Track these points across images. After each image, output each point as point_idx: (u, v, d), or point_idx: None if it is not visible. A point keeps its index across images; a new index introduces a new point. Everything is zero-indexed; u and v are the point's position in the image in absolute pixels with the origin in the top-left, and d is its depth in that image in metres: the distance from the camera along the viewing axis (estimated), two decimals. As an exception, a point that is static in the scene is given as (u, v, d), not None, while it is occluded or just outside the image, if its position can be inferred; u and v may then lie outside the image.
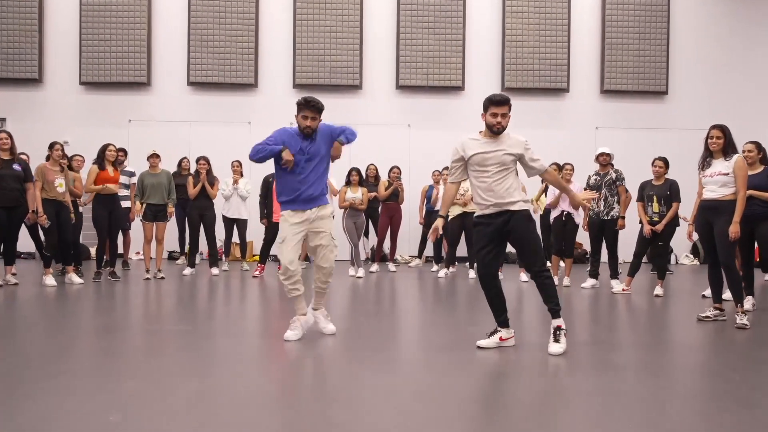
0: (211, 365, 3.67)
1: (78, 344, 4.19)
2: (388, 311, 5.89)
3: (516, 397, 3.14)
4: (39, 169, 7.35)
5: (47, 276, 7.33)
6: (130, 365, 3.63)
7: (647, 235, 7.16)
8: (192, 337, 4.49)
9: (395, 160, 10.51)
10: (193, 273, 8.81)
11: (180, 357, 3.87)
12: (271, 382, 3.42)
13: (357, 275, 8.81)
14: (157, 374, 3.43)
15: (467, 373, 3.58)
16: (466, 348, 4.18)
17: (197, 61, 11.33)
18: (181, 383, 3.25)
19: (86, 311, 5.61)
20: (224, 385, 3.23)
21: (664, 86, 11.71)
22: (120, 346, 4.14)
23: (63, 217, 7.48)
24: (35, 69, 11.20)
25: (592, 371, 3.64)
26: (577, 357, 3.98)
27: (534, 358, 3.94)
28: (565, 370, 3.62)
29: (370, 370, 3.58)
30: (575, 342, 4.45)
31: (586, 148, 11.32)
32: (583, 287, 7.78)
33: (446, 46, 11.49)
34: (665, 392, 3.21)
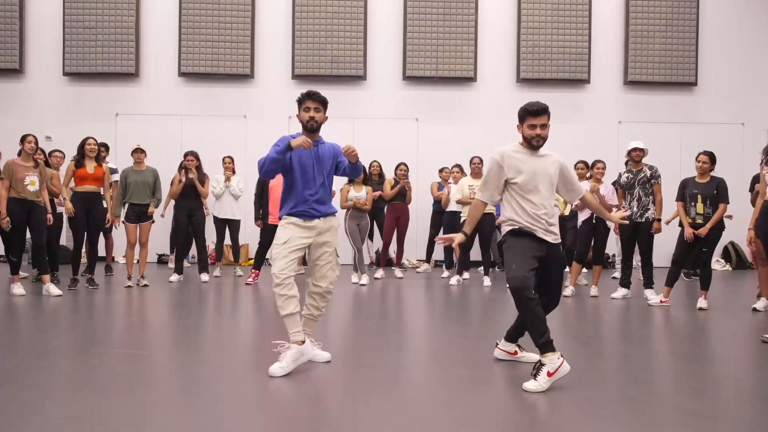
0: (183, 404, 2.86)
1: (8, 373, 3.38)
2: (394, 328, 5.06)
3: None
4: (7, 165, 6.55)
5: (15, 284, 6.57)
6: (61, 408, 2.81)
7: (689, 239, 6.33)
8: (161, 365, 3.67)
9: (402, 157, 9.76)
10: (181, 280, 8.03)
11: (138, 392, 3.06)
12: (257, 418, 2.61)
13: (360, 282, 8.02)
14: (100, 417, 2.62)
15: (488, 402, 2.76)
16: (484, 369, 3.34)
17: (189, 50, 10.60)
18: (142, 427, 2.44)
19: (43, 329, 4.80)
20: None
21: (693, 77, 10.92)
22: (59, 375, 3.33)
23: (35, 218, 6.67)
24: (15, 59, 10.51)
25: (630, 412, 2.79)
26: (611, 389, 3.14)
27: (555, 385, 3.11)
28: (597, 408, 2.78)
29: (374, 406, 2.76)
30: (609, 366, 3.61)
31: (609, 144, 10.62)
32: (613, 297, 6.99)
33: (457, 33, 10.72)
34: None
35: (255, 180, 8.38)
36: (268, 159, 3.64)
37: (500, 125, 9.88)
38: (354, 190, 8.32)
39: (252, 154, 10.18)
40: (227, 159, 8.69)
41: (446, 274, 9.01)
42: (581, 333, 4.95)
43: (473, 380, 3.47)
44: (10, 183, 6.51)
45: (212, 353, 4.06)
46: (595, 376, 3.59)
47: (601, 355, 4.17)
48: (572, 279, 7.39)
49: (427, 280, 8.67)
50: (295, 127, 10.76)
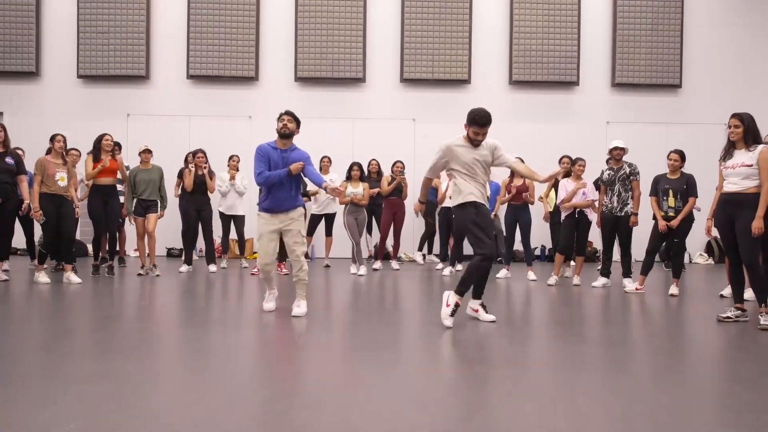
0: (198, 368, 3.38)
1: (47, 346, 3.91)
2: (388, 311, 5.58)
3: (524, 395, 2.82)
4: (39, 162, 7.10)
5: (40, 273, 7.07)
6: (95, 368, 3.34)
7: (662, 231, 6.82)
8: (176, 337, 4.20)
9: (399, 155, 10.25)
10: (190, 270, 8.55)
11: (151, 361, 3.59)
12: (261, 389, 3.12)
13: (359, 273, 8.52)
14: (124, 378, 3.15)
15: (467, 370, 3.27)
16: (462, 345, 3.86)
17: (197, 54, 11.08)
18: (147, 389, 2.97)
19: (67, 310, 5.34)
20: (211, 390, 2.93)
21: (677, 79, 11.34)
22: (90, 348, 3.86)
23: (65, 212, 7.19)
24: (32, 62, 11.00)
25: (606, 374, 3.31)
26: (591, 359, 3.66)
27: (544, 357, 3.63)
28: (577, 372, 3.30)
29: (368, 372, 3.28)
30: (588, 343, 4.13)
31: (597, 143, 11.04)
32: (594, 286, 7.47)
33: (452, 37, 11.18)
34: (684, 397, 2.89)
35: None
36: (273, 179, 4.95)
37: (493, 125, 10.27)
38: (351, 186, 8.82)
39: (248, 147, 10.66)
40: (235, 157, 9.20)
41: (440, 266, 9.50)
42: (564, 318, 5.46)
43: (451, 344, 3.99)
44: (42, 179, 7.04)
45: (217, 328, 4.58)
46: (576, 351, 4.10)
47: (582, 336, 4.68)
48: (556, 269, 7.87)
49: (422, 272, 9.17)
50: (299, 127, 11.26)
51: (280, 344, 4.07)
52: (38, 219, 7.02)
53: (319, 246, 10.69)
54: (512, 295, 6.71)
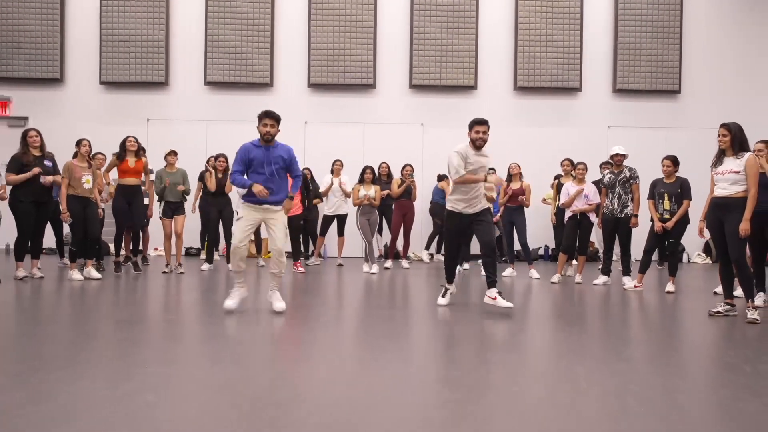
0: (231, 356, 3.82)
1: (104, 334, 4.36)
2: (398, 307, 6.02)
3: (528, 387, 3.25)
4: (66, 166, 7.48)
5: (73, 270, 7.46)
6: (155, 353, 3.78)
7: (658, 232, 7.23)
8: (210, 328, 4.65)
9: (408, 159, 10.62)
10: (211, 269, 8.98)
11: (203, 347, 4.03)
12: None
13: (371, 272, 8.92)
14: (183, 361, 3.59)
15: (468, 363, 3.71)
16: (470, 341, 4.29)
17: (214, 61, 11.49)
18: (206, 369, 3.41)
19: (111, 303, 5.79)
20: (248, 375, 3.37)
21: (676, 85, 11.71)
22: (143, 335, 4.30)
23: (89, 212, 7.60)
24: (56, 69, 11.42)
25: (604, 365, 3.74)
26: (590, 351, 4.08)
27: (549, 346, 4.06)
28: (577, 364, 3.73)
29: (380, 362, 3.72)
30: (588, 336, 4.56)
31: (598, 148, 11.39)
32: (594, 284, 7.84)
33: (459, 45, 11.57)
34: (678, 384, 3.31)
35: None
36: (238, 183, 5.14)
37: (498, 130, 10.67)
38: (364, 189, 9.24)
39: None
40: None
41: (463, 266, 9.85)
42: (567, 312, 5.88)
43: (458, 341, 4.43)
44: (69, 181, 7.47)
45: (235, 321, 5.03)
46: (578, 340, 4.53)
47: (584, 327, 5.11)
48: (559, 268, 8.28)
49: (430, 270, 9.58)
50: (310, 130, 11.71)
51: (301, 341, 4.51)
52: (66, 220, 7.41)
53: (332, 246, 11.10)
54: (518, 292, 7.13)
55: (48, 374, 3.19)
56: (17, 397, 2.80)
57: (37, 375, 3.17)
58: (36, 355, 3.62)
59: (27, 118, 11.46)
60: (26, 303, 5.76)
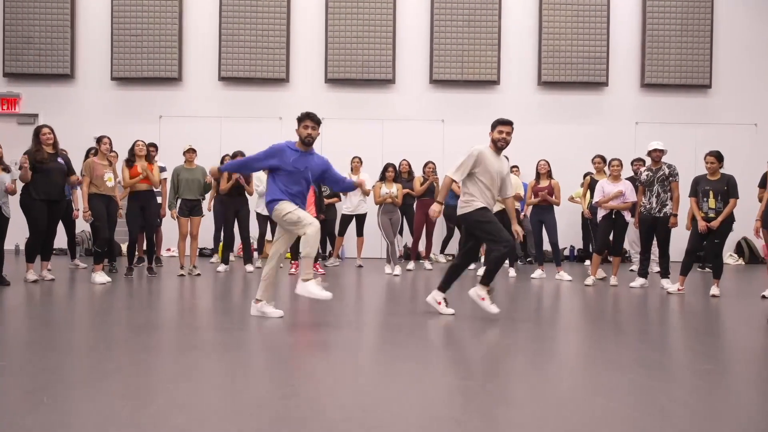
0: (257, 370, 3.48)
1: (125, 342, 4.02)
2: (421, 311, 5.66)
3: (566, 396, 2.89)
4: (87, 164, 7.24)
5: (97, 273, 7.04)
6: (179, 366, 3.44)
7: (702, 232, 6.85)
8: (234, 335, 4.30)
9: (429, 156, 10.28)
10: (227, 270, 8.66)
11: (228, 357, 3.68)
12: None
13: (394, 273, 8.59)
14: (209, 374, 3.24)
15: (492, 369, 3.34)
16: (501, 349, 3.93)
17: (228, 56, 11.20)
18: (234, 384, 3.06)
19: (127, 308, 5.46)
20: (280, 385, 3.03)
21: (707, 80, 11.33)
22: (165, 344, 3.96)
23: (111, 211, 7.34)
24: (67, 65, 11.16)
25: (654, 378, 3.36)
26: (651, 363, 3.71)
27: (591, 356, 3.69)
28: (621, 372, 3.36)
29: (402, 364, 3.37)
30: (631, 343, 4.18)
31: (625, 144, 11.01)
32: (631, 287, 7.49)
33: (481, 39, 11.23)
34: (741, 402, 2.95)
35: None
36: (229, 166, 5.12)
37: (522, 126, 10.28)
38: (386, 187, 8.91)
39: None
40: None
41: (473, 266, 9.53)
42: (606, 317, 5.51)
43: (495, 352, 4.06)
44: (91, 180, 7.17)
45: (256, 327, 4.68)
46: (623, 352, 4.15)
47: (624, 331, 4.73)
48: (593, 269, 7.91)
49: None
50: (327, 127, 11.30)
51: (320, 346, 4.16)
52: (87, 219, 7.17)
53: (350, 246, 10.78)
54: (550, 295, 6.76)
55: (66, 390, 2.86)
56: (30, 423, 2.45)
57: (53, 391, 2.82)
58: (51, 367, 3.28)
59: (37, 115, 11.20)
60: (38, 308, 5.45)
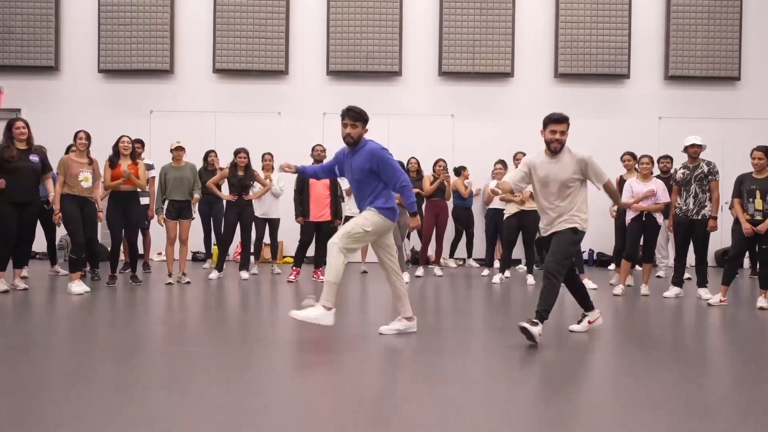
0: (242, 402, 2.76)
1: (100, 371, 3.30)
2: (445, 327, 4.93)
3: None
4: (62, 162, 6.56)
5: (73, 282, 6.37)
6: (167, 405, 2.72)
7: (747, 235, 6.15)
8: (224, 361, 3.59)
9: (437, 154, 9.63)
10: (221, 277, 7.95)
11: (224, 392, 2.96)
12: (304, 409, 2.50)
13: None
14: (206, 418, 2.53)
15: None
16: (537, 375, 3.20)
17: (224, 47, 10.58)
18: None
19: (107, 324, 4.74)
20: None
21: (736, 72, 10.69)
22: (151, 373, 3.25)
23: (87, 214, 6.65)
24: (51, 56, 10.55)
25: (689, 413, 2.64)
26: (673, 390, 2.98)
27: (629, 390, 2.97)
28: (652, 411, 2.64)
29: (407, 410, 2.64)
30: (674, 371, 3.45)
31: (648, 141, 10.39)
32: (665, 296, 6.82)
33: (494, 28, 10.58)
34: None
35: (292, 177, 8.25)
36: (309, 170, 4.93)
37: (538, 122, 9.57)
38: (393, 187, 8.20)
39: (286, 151, 10.04)
40: (267, 156, 8.57)
41: (486, 272, 8.85)
42: (640, 333, 4.79)
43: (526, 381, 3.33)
44: (65, 179, 6.48)
45: (250, 348, 3.96)
46: (655, 373, 3.43)
47: (665, 355, 4.01)
48: (622, 278, 7.22)
49: (467, 279, 8.53)
50: (329, 123, 10.67)
51: (319, 365, 3.44)
52: (57, 222, 6.55)
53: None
54: (574, 308, 6.05)
55: None
56: None
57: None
58: (14, 408, 2.57)
59: (19, 109, 10.55)
60: (6, 323, 4.74)
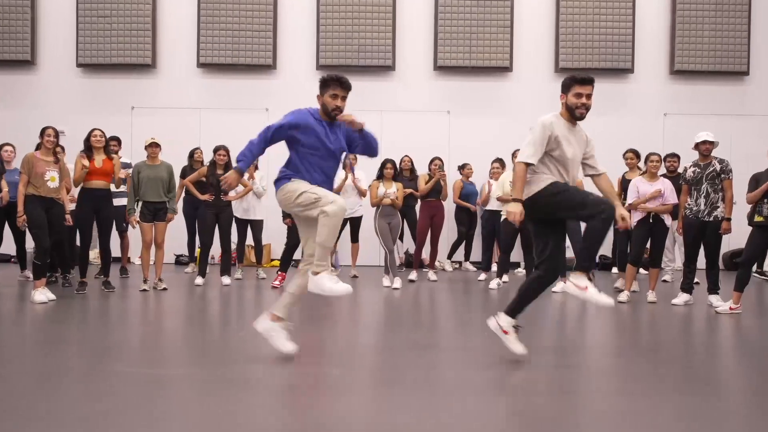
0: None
1: (62, 399, 2.84)
2: (441, 337, 4.47)
3: None
4: (26, 159, 6.10)
5: (37, 290, 5.91)
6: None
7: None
8: (181, 388, 3.13)
9: (433, 152, 9.21)
10: (204, 282, 7.49)
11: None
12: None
13: (393, 286, 7.48)
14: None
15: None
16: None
17: (208, 40, 10.16)
18: None
19: (64, 340, 4.29)
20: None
21: (744, 66, 10.26)
22: (124, 400, 2.79)
23: (54, 216, 6.21)
24: (27, 50, 10.10)
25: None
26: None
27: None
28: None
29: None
30: (678, 386, 3.00)
31: (653, 138, 10.00)
32: (674, 304, 6.39)
33: (491, 20, 10.15)
34: None
35: (277, 176, 7.81)
36: (249, 151, 3.91)
37: (537, 117, 9.28)
38: (384, 186, 7.79)
39: (274, 149, 9.54)
40: (249, 153, 8.13)
41: (483, 276, 8.40)
42: (643, 345, 4.34)
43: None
44: (30, 178, 6.03)
45: (229, 366, 3.50)
46: (662, 392, 2.97)
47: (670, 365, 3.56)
48: (627, 283, 6.78)
49: (463, 284, 8.10)
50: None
51: (306, 383, 2.98)
52: (21, 225, 6.11)
53: (344, 253, 9.65)
54: (576, 316, 5.60)
55: None
56: None
57: None
58: None
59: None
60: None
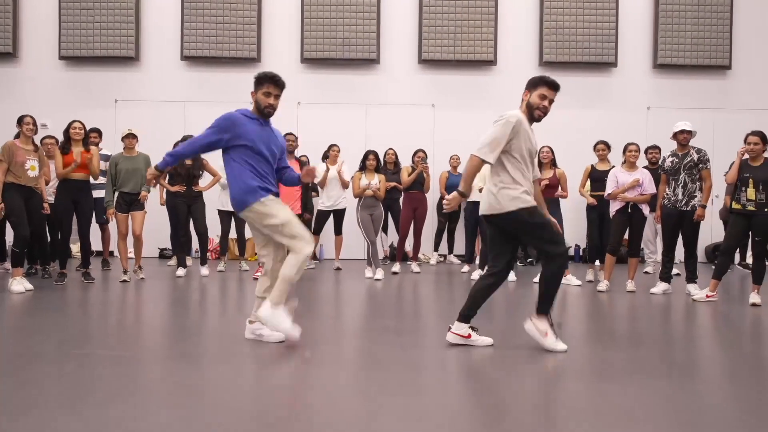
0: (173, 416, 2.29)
1: (39, 395, 2.82)
2: (410, 328, 4.48)
3: None
4: (6, 148, 6.04)
5: (14, 279, 5.90)
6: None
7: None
8: (149, 370, 3.11)
9: (417, 145, 9.25)
10: (185, 274, 7.47)
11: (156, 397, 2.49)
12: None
13: (375, 277, 7.46)
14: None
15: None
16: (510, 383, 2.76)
17: (192, 33, 10.05)
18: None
19: (39, 331, 4.26)
20: None
21: (726, 60, 10.28)
22: (104, 386, 2.77)
23: (32, 206, 6.17)
24: (9, 42, 9.96)
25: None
26: (665, 399, 2.54)
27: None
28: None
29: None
30: (654, 373, 3.02)
31: (636, 131, 10.02)
32: (652, 293, 6.41)
33: (476, 14, 10.12)
34: None
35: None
36: (174, 155, 3.92)
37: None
38: (366, 177, 7.76)
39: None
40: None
41: (466, 268, 8.41)
42: (621, 333, 4.36)
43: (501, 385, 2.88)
44: (9, 167, 5.97)
45: (209, 354, 3.49)
46: (638, 379, 2.99)
47: (643, 350, 3.57)
48: (606, 273, 6.79)
49: (447, 276, 8.09)
50: (304, 113, 10.23)
51: (284, 378, 2.98)
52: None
53: (328, 246, 9.63)
54: (557, 305, 5.61)
55: None
56: None
57: None
58: None
59: (-26, 99, 10.02)
60: None
